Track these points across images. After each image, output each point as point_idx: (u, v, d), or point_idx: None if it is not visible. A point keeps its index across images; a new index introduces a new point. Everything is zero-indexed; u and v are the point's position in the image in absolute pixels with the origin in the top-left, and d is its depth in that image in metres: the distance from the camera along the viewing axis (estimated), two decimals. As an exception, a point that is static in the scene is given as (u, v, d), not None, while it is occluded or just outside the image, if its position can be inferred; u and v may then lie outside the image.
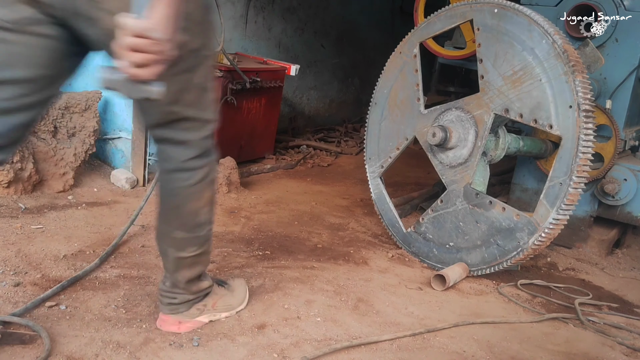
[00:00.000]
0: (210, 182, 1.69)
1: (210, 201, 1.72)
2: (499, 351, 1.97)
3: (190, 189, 1.65)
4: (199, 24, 1.48)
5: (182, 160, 1.61)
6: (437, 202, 2.71)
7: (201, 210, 1.70)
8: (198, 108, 1.58)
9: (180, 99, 1.53)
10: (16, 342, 1.61)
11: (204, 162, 1.64)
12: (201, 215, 1.70)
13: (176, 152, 1.61)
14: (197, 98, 1.57)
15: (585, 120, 2.26)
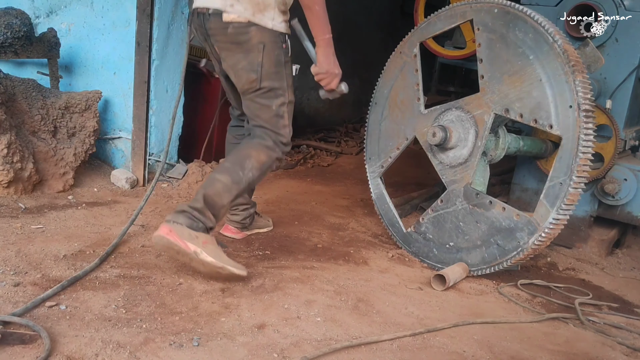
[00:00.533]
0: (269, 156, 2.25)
1: (260, 162, 2.23)
2: (499, 351, 1.97)
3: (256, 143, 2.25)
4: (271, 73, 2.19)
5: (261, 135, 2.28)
6: (437, 202, 2.71)
7: (251, 159, 2.21)
8: (271, 125, 2.26)
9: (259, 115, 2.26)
10: (16, 342, 1.61)
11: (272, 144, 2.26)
12: (249, 162, 2.21)
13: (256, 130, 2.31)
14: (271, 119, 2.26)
15: (585, 120, 2.26)
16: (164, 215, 2.85)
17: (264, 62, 2.17)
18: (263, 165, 2.25)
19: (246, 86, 2.23)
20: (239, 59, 2.19)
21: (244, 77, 2.21)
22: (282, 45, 2.21)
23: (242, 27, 2.13)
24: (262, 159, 2.24)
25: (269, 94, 2.22)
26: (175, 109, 3.04)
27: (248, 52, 2.16)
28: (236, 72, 2.23)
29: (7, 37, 3.00)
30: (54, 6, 3.41)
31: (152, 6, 3.08)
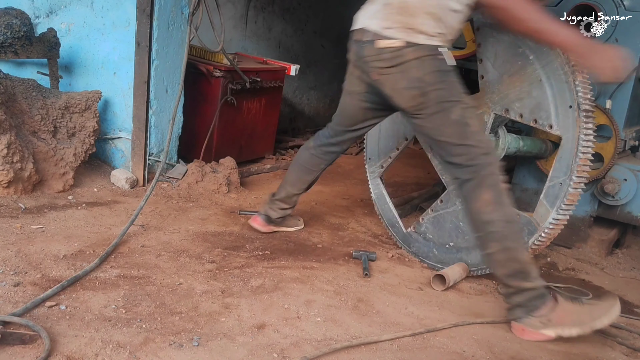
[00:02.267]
0: (488, 186, 2.07)
1: (491, 202, 2.06)
2: (499, 351, 1.97)
3: (469, 195, 2.11)
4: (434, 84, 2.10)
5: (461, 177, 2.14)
6: (437, 202, 2.71)
7: (483, 210, 2.07)
8: (459, 138, 2.12)
9: (442, 132, 2.14)
10: (16, 342, 1.61)
11: (475, 175, 2.09)
12: (484, 214, 2.07)
13: (456, 172, 2.16)
14: (456, 130, 2.12)
15: (585, 120, 2.26)
16: (164, 216, 2.85)
17: (423, 76, 2.11)
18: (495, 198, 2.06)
19: (410, 103, 2.16)
20: (398, 79, 2.15)
21: (405, 95, 2.16)
22: (438, 56, 2.12)
23: (398, 51, 2.10)
24: (487, 197, 2.07)
25: (442, 106, 2.12)
26: (175, 109, 3.05)
27: (406, 71, 2.12)
28: (398, 93, 2.18)
29: (7, 37, 3.00)
30: (54, 6, 3.41)
31: (152, 6, 3.08)
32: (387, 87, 2.20)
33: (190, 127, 3.57)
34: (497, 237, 2.06)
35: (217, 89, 3.58)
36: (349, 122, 2.53)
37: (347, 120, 2.53)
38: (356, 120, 2.51)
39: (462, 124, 2.12)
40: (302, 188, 2.77)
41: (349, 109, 2.50)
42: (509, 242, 2.05)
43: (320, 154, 2.67)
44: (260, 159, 4.24)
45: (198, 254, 2.44)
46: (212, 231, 2.76)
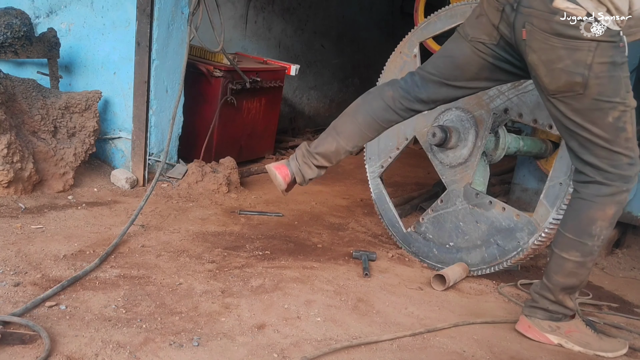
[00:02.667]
0: (618, 202, 1.88)
1: (608, 218, 1.89)
2: (499, 351, 1.97)
3: (596, 198, 1.89)
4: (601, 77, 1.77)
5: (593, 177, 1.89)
6: (437, 202, 2.71)
7: (598, 222, 1.89)
8: (609, 142, 1.84)
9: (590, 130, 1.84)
10: (16, 342, 1.61)
11: (616, 184, 1.87)
12: (595, 227, 1.90)
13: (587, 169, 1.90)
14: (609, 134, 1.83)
15: (586, 120, 2.26)
16: (164, 216, 2.85)
17: (593, 64, 1.76)
18: (614, 217, 1.91)
19: (562, 88, 1.82)
20: (561, 56, 1.78)
21: (562, 78, 1.80)
22: (620, 44, 1.78)
23: (576, 21, 1.74)
24: (610, 213, 1.89)
25: (600, 104, 1.81)
26: (175, 109, 3.05)
27: (574, 50, 1.76)
28: (551, 71, 1.81)
29: (7, 37, 3.00)
30: (54, 6, 3.41)
31: (152, 6, 3.08)
32: (538, 56, 1.82)
33: (190, 127, 3.57)
34: (587, 251, 1.92)
35: (217, 89, 3.58)
36: (454, 73, 2.06)
37: (452, 70, 2.06)
38: (465, 74, 2.04)
39: (617, 128, 1.83)
40: (358, 146, 2.24)
41: (460, 57, 2.03)
42: (589, 261, 1.95)
43: (400, 108, 2.14)
44: (260, 159, 4.24)
45: (198, 254, 2.44)
46: (212, 231, 2.76)
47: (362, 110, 2.17)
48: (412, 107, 2.15)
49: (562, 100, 1.86)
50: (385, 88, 2.16)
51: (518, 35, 1.85)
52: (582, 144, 1.89)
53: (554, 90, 1.85)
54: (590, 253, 1.93)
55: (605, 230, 1.91)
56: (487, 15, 1.93)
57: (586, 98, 1.81)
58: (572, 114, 1.86)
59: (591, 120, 1.83)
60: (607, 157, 1.86)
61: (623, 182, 1.87)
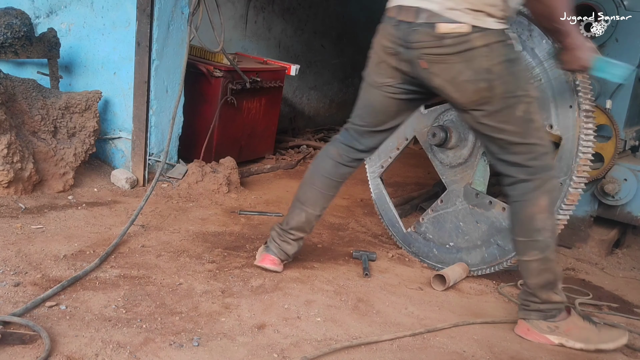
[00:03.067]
0: (546, 191, 1.96)
1: (547, 208, 1.96)
2: (499, 351, 1.97)
3: (526, 196, 1.97)
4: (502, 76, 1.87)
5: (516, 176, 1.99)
6: (437, 202, 2.71)
7: (537, 216, 1.96)
8: (522, 136, 1.92)
9: (504, 129, 1.92)
10: (16, 342, 1.61)
11: (537, 176, 1.95)
12: (537, 221, 1.96)
13: (511, 170, 2.00)
14: (520, 128, 1.92)
15: (586, 120, 2.27)
16: (164, 216, 2.85)
17: (492, 66, 1.85)
18: (550, 206, 1.98)
19: (474, 97, 1.90)
20: (460, 70, 1.86)
21: (470, 88, 1.89)
22: (508, 41, 1.89)
23: (462, 36, 1.82)
24: (544, 203, 1.96)
25: (507, 101, 1.89)
26: (175, 109, 3.05)
27: (471, 60, 1.85)
28: (458, 86, 1.90)
29: (7, 37, 3.00)
30: (54, 6, 3.41)
31: (152, 6, 3.08)
32: (442, 77, 1.90)
33: (191, 127, 3.57)
34: (542, 246, 1.98)
35: (217, 89, 3.58)
36: (379, 119, 2.18)
37: (376, 117, 2.18)
38: (387, 116, 2.17)
39: (526, 120, 1.92)
40: (325, 207, 2.32)
41: (377, 104, 2.14)
42: (550, 253, 1.99)
43: (348, 161, 2.26)
44: (261, 159, 4.24)
45: (198, 254, 2.44)
46: (212, 231, 2.76)
47: (317, 174, 2.29)
48: (358, 157, 2.29)
49: (476, 109, 1.94)
50: (329, 148, 2.31)
51: (418, 67, 1.95)
52: (502, 146, 1.98)
53: (467, 103, 1.94)
54: (547, 246, 1.99)
55: (548, 220, 1.98)
56: (385, 62, 2.04)
57: (495, 100, 1.90)
58: (488, 119, 1.94)
59: (504, 119, 1.92)
60: (525, 152, 1.95)
61: (545, 172, 1.96)
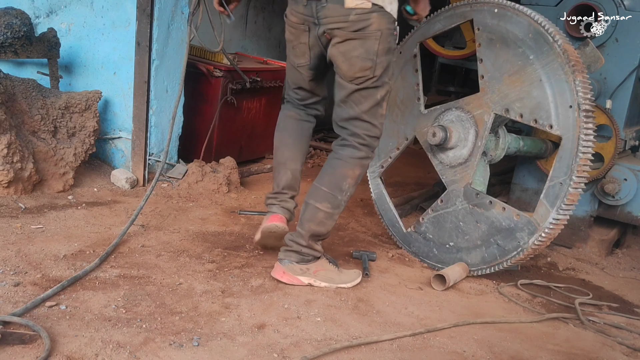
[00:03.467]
0: (363, 166, 2.25)
1: (355, 177, 2.24)
2: (499, 351, 1.97)
3: (349, 159, 2.22)
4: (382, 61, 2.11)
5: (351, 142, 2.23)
6: (437, 202, 2.71)
7: (347, 179, 2.22)
8: (370, 115, 2.19)
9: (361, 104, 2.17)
10: (16, 342, 1.61)
11: (365, 150, 2.23)
12: (345, 183, 2.23)
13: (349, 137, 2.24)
14: (372, 108, 2.18)
15: (586, 120, 2.27)
16: (164, 215, 2.85)
17: (379, 50, 2.09)
18: (359, 178, 2.26)
19: (358, 74, 2.12)
20: (355, 46, 2.08)
21: (357, 64, 2.10)
22: (394, 32, 2.14)
23: (365, 14, 2.04)
24: (357, 173, 2.24)
25: (377, 82, 2.15)
26: (175, 109, 3.05)
27: (366, 39, 2.08)
28: (349, 59, 2.11)
29: (7, 37, 3.00)
30: (54, 6, 3.41)
31: (152, 6, 3.08)
32: (339, 49, 2.12)
33: (191, 127, 3.57)
34: (336, 204, 2.23)
35: (217, 89, 3.58)
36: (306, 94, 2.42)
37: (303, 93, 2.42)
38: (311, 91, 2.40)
39: (380, 104, 2.20)
40: (303, 160, 2.49)
41: (299, 82, 2.38)
42: (336, 213, 2.26)
43: (307, 117, 2.47)
44: (260, 159, 4.24)
45: (198, 254, 2.44)
46: (212, 231, 2.75)
47: (286, 135, 2.46)
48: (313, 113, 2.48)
49: (355, 83, 2.16)
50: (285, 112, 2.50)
51: (323, 40, 2.17)
52: (354, 116, 2.21)
53: (352, 77, 2.15)
54: (338, 206, 2.24)
55: (352, 188, 2.25)
56: (298, 41, 2.25)
57: (372, 79, 2.14)
58: (357, 92, 2.17)
59: (367, 96, 2.17)
60: (366, 129, 2.21)
61: (370, 150, 2.25)
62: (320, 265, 2.29)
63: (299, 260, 2.26)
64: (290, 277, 2.25)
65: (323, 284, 2.26)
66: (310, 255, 2.27)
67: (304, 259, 2.26)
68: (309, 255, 2.27)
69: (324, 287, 2.25)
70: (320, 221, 2.23)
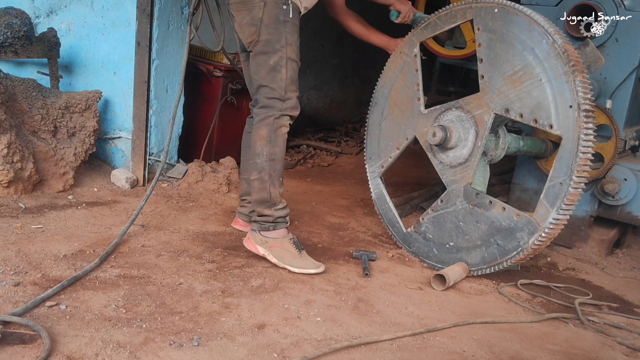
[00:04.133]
0: (267, 124, 2.43)
1: (263, 137, 2.43)
2: (499, 351, 1.97)
3: (254, 126, 2.48)
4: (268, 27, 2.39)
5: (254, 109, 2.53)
6: (437, 202, 2.71)
7: (257, 143, 2.45)
8: (266, 80, 2.42)
9: (258, 71, 2.44)
10: (16, 341, 1.61)
11: (264, 111, 2.45)
12: (257, 146, 2.45)
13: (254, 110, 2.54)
14: (267, 74, 2.41)
15: (586, 120, 2.26)
16: (164, 215, 2.85)
17: (263, 17, 2.38)
18: (269, 136, 2.43)
19: (248, 39, 2.44)
20: (244, 16, 2.42)
21: (246, 30, 2.43)
22: (283, 6, 2.40)
23: None
24: (263, 133, 2.43)
25: (267, 47, 2.40)
26: (175, 109, 3.04)
27: (251, 9, 2.40)
28: (241, 28, 2.45)
29: (7, 36, 3.00)
30: (54, 6, 3.41)
31: (152, 6, 3.08)
32: (237, 22, 2.47)
33: (191, 127, 3.57)
34: (258, 168, 2.44)
35: (217, 89, 3.58)
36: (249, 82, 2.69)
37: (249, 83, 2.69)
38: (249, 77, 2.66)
39: (275, 69, 2.41)
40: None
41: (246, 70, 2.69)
42: (264, 175, 2.44)
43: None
44: (260, 159, 4.23)
45: (198, 254, 2.45)
46: (212, 231, 2.76)
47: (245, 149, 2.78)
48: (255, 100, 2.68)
49: (250, 50, 2.45)
50: (246, 127, 2.82)
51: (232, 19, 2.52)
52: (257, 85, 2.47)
53: (246, 44, 2.46)
54: (262, 169, 2.44)
55: (266, 148, 2.43)
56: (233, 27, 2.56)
57: (260, 44, 2.41)
58: (253, 59, 2.45)
59: (261, 63, 2.42)
60: (265, 93, 2.44)
61: (271, 110, 2.44)
62: (280, 243, 2.43)
63: (259, 228, 2.46)
64: (252, 244, 2.46)
65: (274, 259, 2.41)
66: (265, 221, 2.46)
67: (263, 227, 2.46)
68: (264, 222, 2.46)
69: (274, 262, 2.40)
70: (257, 188, 2.46)
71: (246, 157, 2.79)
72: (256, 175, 2.46)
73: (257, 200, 2.47)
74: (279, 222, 2.48)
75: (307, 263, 2.41)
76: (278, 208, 2.48)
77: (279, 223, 2.48)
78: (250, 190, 2.52)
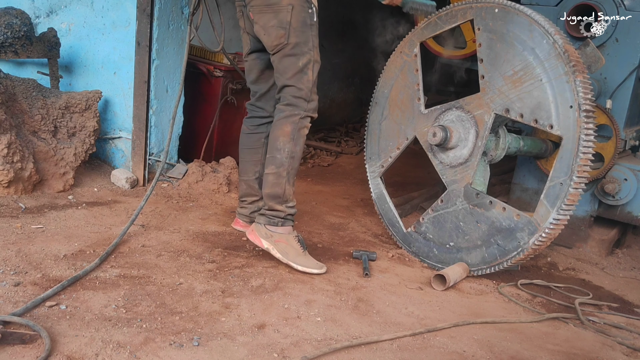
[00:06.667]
0: (291, 122, 2.45)
1: (287, 134, 2.44)
2: (499, 351, 1.97)
3: (277, 121, 2.49)
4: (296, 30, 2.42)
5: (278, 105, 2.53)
6: (437, 202, 2.71)
7: (279, 138, 2.45)
8: (294, 81, 2.45)
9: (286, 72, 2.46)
10: (16, 341, 1.61)
11: (290, 109, 2.47)
12: (279, 142, 2.45)
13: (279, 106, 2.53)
14: (296, 75, 2.45)
15: (586, 120, 2.26)
16: (164, 215, 2.85)
17: (292, 21, 2.40)
18: (292, 133, 2.45)
19: (275, 42, 2.44)
20: (270, 19, 2.42)
21: (273, 33, 2.42)
22: (309, 10, 2.44)
23: None
24: (288, 130, 2.44)
25: (296, 50, 2.42)
26: (175, 109, 3.04)
27: (278, 12, 2.41)
28: (267, 31, 2.44)
29: (7, 37, 3.00)
30: (54, 6, 3.41)
31: (152, 6, 3.08)
32: (259, 24, 2.46)
33: (191, 127, 3.57)
34: (278, 163, 2.45)
35: (217, 89, 3.58)
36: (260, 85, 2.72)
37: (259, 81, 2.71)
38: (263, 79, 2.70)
39: (303, 71, 2.45)
40: (256, 170, 2.79)
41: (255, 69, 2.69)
42: (282, 171, 2.45)
43: (254, 129, 2.78)
44: (261, 159, 4.23)
45: (198, 254, 2.45)
46: (212, 231, 2.76)
47: (241, 150, 2.82)
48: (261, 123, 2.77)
49: (276, 52, 2.45)
50: (242, 128, 2.83)
51: (250, 21, 2.51)
52: (282, 85, 2.49)
53: (272, 46, 2.45)
54: (281, 164, 2.45)
55: (288, 145, 2.44)
56: (244, 29, 2.62)
57: (288, 46, 2.42)
58: (280, 62, 2.46)
59: (288, 65, 2.44)
60: (291, 92, 2.46)
61: (296, 108, 2.46)
62: (285, 238, 2.44)
63: (267, 222, 2.45)
64: (255, 236, 2.45)
65: (277, 254, 2.40)
66: (274, 216, 2.46)
67: (271, 221, 2.45)
68: (273, 217, 2.46)
69: (277, 258, 2.40)
70: (271, 183, 2.46)
71: (245, 158, 2.80)
72: (274, 169, 2.45)
73: (270, 194, 2.46)
74: (287, 219, 2.48)
75: (310, 262, 2.41)
76: (289, 205, 2.49)
77: (287, 220, 2.48)
78: (263, 183, 2.52)
